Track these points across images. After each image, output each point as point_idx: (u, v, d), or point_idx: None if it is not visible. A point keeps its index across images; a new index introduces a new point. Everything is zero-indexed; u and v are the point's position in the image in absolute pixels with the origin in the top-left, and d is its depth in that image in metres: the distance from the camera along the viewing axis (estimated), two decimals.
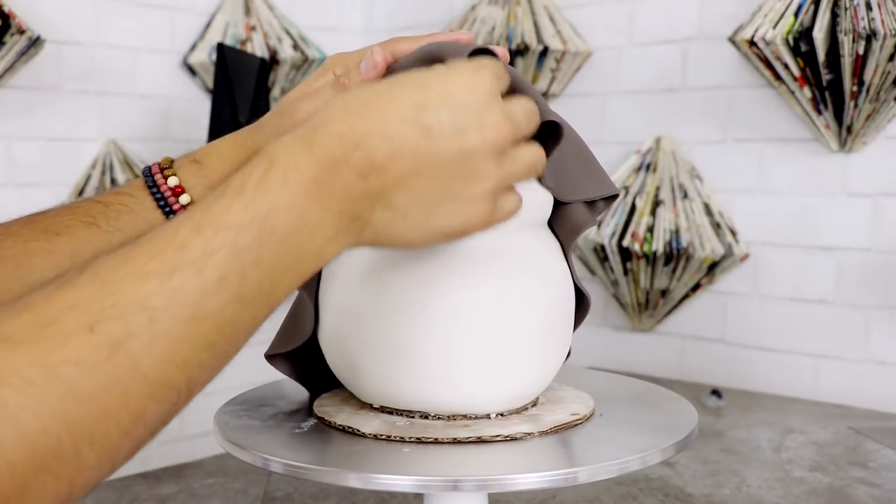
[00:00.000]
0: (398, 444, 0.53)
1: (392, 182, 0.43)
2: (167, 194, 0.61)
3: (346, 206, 0.43)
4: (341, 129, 0.43)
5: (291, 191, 0.42)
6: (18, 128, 1.40)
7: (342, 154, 0.43)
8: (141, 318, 0.39)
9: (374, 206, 0.44)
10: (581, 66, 1.54)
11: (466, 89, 0.44)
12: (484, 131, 0.44)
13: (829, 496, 0.91)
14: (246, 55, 1.42)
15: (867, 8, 1.16)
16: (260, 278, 0.42)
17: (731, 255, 1.38)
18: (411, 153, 0.43)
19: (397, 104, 0.43)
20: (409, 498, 0.90)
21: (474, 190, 0.45)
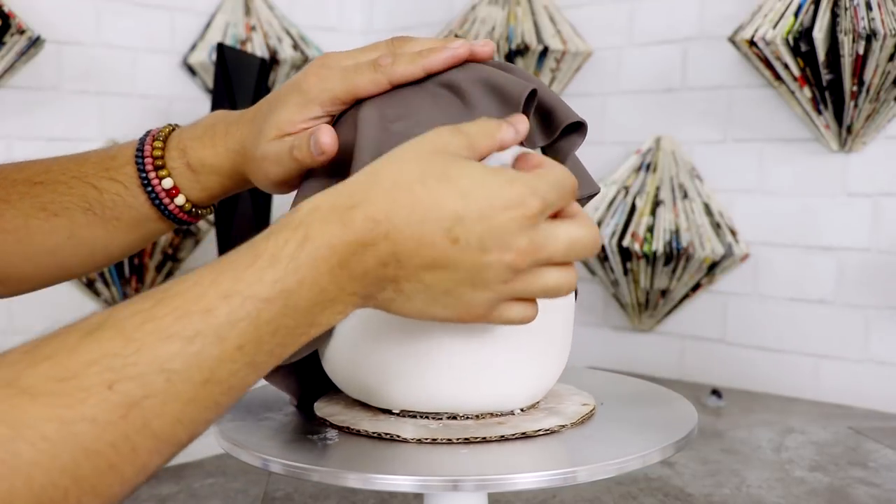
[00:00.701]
0: (445, 447, 0.53)
1: (407, 274, 0.45)
2: (162, 196, 0.62)
3: (360, 287, 0.45)
4: (378, 214, 0.44)
5: (319, 268, 0.43)
6: (18, 128, 1.40)
7: (372, 240, 0.44)
8: (159, 380, 0.40)
9: (384, 288, 0.46)
10: (581, 66, 1.54)
11: (507, 214, 0.45)
12: (505, 253, 0.45)
13: (829, 496, 0.91)
14: (246, 55, 1.42)
15: (867, 8, 1.16)
16: (273, 346, 0.44)
17: (731, 255, 1.38)
18: (433, 255, 0.45)
19: (438, 210, 0.44)
20: (409, 498, 0.90)
21: (478, 297, 0.46)
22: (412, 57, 0.56)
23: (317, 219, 0.44)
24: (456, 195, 0.44)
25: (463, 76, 0.55)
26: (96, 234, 0.63)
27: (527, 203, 0.45)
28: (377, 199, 0.44)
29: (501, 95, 0.54)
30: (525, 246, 0.45)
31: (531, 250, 0.46)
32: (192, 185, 0.62)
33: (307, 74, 0.58)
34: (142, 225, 0.63)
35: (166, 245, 1.50)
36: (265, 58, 1.52)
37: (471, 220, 0.44)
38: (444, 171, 0.45)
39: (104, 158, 0.63)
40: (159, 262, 1.51)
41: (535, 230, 0.46)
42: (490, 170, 0.46)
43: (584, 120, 0.58)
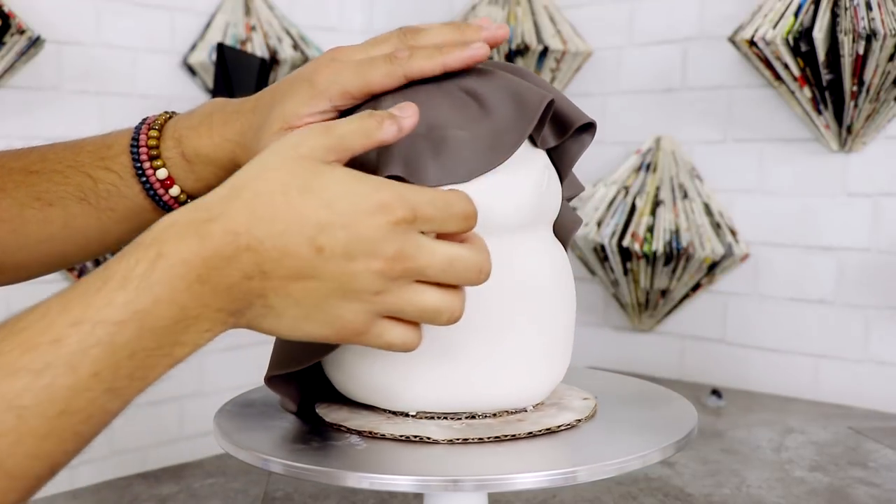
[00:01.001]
0: (477, 447, 0.53)
1: (274, 286, 0.44)
2: (157, 187, 0.60)
3: (226, 303, 0.44)
4: (237, 227, 0.43)
5: (175, 285, 0.42)
6: (18, 128, 1.40)
7: (233, 253, 0.43)
8: (8, 418, 0.38)
9: (252, 304, 0.44)
10: (581, 66, 1.54)
11: (372, 219, 0.43)
12: (372, 260, 0.44)
13: (829, 496, 0.91)
14: (246, 55, 1.42)
15: (867, 8, 1.16)
16: (133, 369, 0.42)
17: (731, 255, 1.38)
18: (298, 266, 0.43)
19: (301, 220, 0.43)
20: (409, 498, 0.90)
21: (350, 308, 0.45)
22: (430, 52, 0.54)
23: (172, 235, 0.43)
24: (319, 204, 0.43)
25: (483, 81, 0.55)
26: (90, 224, 0.62)
27: (393, 208, 0.44)
28: (237, 212, 0.43)
29: (520, 103, 0.54)
30: (392, 253, 0.44)
31: (400, 258, 0.44)
32: (187, 175, 0.61)
33: (318, 66, 0.56)
34: (136, 216, 0.62)
35: None
36: (265, 58, 1.52)
37: (334, 228, 0.43)
38: (308, 181, 0.44)
39: (100, 147, 0.62)
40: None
41: (406, 239, 0.44)
42: (358, 177, 0.45)
43: (594, 121, 0.58)
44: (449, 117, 0.53)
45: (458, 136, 0.52)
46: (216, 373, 1.58)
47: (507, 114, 0.54)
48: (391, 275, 0.44)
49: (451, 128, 0.52)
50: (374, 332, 0.46)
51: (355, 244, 0.43)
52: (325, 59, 0.56)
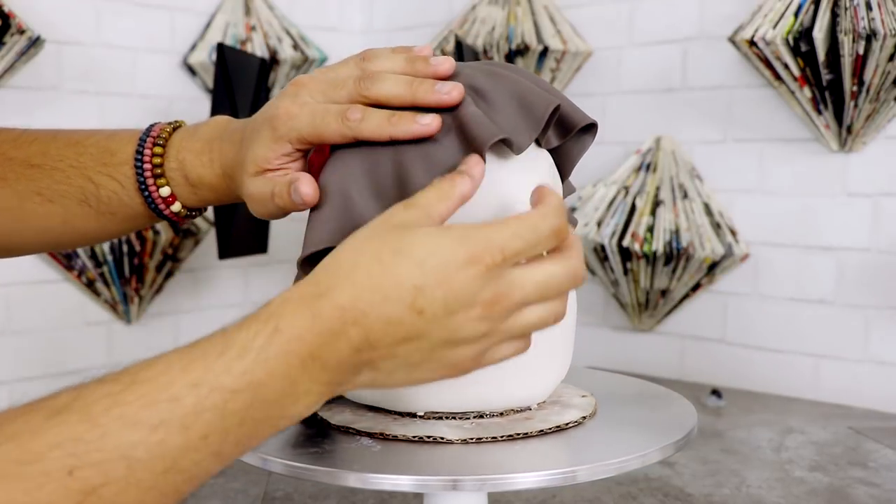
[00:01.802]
0: (490, 445, 0.53)
1: (381, 354, 0.45)
2: (158, 202, 0.62)
3: (335, 376, 0.45)
4: (344, 302, 0.44)
5: (290, 361, 0.43)
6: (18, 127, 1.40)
7: (341, 328, 0.44)
8: (120, 467, 0.40)
9: (360, 372, 0.46)
10: (581, 66, 1.54)
11: (464, 273, 0.45)
12: (472, 310, 0.45)
13: (829, 496, 0.91)
14: (246, 55, 1.42)
15: (867, 8, 1.16)
16: (239, 437, 0.43)
17: (731, 255, 1.38)
18: (402, 331, 0.45)
19: (398, 285, 0.44)
20: (409, 498, 0.90)
21: (460, 354, 0.47)
22: (381, 122, 0.54)
23: (287, 311, 0.44)
24: (412, 266, 0.44)
25: (491, 83, 0.55)
26: (90, 224, 0.64)
27: (482, 257, 0.45)
28: (341, 286, 0.44)
29: (527, 108, 0.55)
30: (489, 298, 0.45)
31: (497, 300, 0.45)
32: (190, 196, 0.62)
33: (279, 106, 0.56)
34: (136, 220, 0.65)
35: (166, 245, 1.50)
36: (265, 58, 1.52)
37: (431, 288, 0.44)
38: (398, 244, 0.45)
39: (103, 151, 0.63)
40: (159, 262, 1.51)
41: (499, 280, 0.45)
42: (443, 231, 0.46)
43: (596, 121, 0.58)
44: None
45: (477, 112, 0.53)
46: None
47: (514, 116, 0.54)
48: (493, 317, 0.46)
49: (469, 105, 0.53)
50: (485, 361, 0.48)
51: (453, 300, 0.45)
52: (287, 96, 0.57)
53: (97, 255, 1.43)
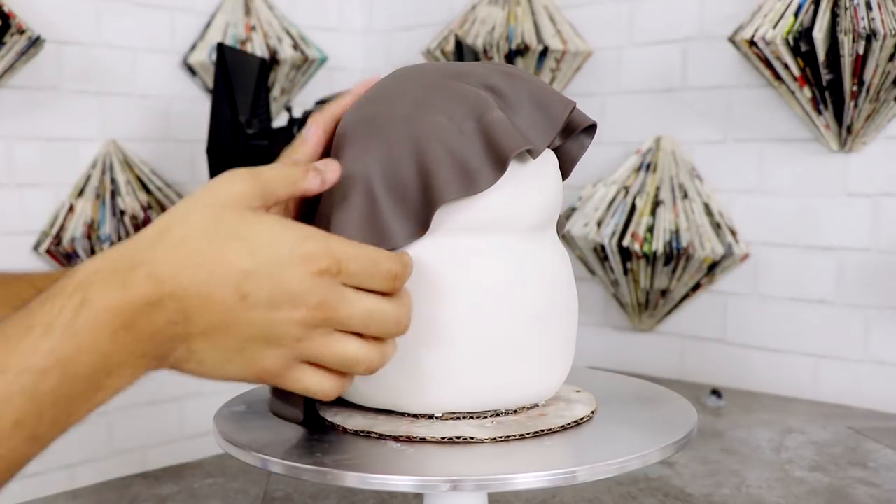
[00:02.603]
0: (518, 443, 0.54)
1: (197, 332, 0.44)
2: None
3: (150, 349, 0.44)
4: (162, 273, 0.43)
5: (99, 333, 0.42)
6: (18, 128, 1.40)
7: (157, 300, 0.43)
8: None
9: (175, 348, 0.45)
10: (581, 66, 1.54)
11: (297, 269, 0.44)
12: (295, 310, 0.44)
13: (829, 496, 0.91)
14: (246, 55, 1.42)
15: (867, 8, 1.16)
16: (55, 416, 0.42)
17: (731, 255, 1.38)
18: (222, 313, 0.44)
19: (226, 267, 0.43)
20: (409, 498, 0.90)
21: (270, 354, 0.46)
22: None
23: (96, 281, 0.42)
24: (245, 252, 0.44)
25: (509, 84, 0.56)
26: None
27: (318, 259, 0.44)
28: (162, 258, 0.43)
29: (545, 109, 0.55)
30: (315, 303, 0.45)
31: (322, 307, 0.45)
32: None
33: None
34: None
35: None
36: (265, 58, 1.52)
37: (259, 276, 0.44)
38: (234, 228, 0.44)
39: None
40: None
41: (329, 290, 0.45)
42: (284, 225, 0.45)
43: (595, 122, 0.59)
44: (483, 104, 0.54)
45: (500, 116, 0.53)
46: None
47: (532, 117, 0.55)
48: (312, 323, 0.45)
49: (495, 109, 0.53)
50: (293, 376, 0.47)
51: (279, 294, 0.44)
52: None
53: None
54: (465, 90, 0.54)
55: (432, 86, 0.55)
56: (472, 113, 0.53)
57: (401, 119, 0.54)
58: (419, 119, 0.54)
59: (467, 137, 0.53)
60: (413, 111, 0.54)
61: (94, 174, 1.47)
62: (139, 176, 1.51)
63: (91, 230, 1.43)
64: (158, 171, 1.56)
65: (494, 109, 0.53)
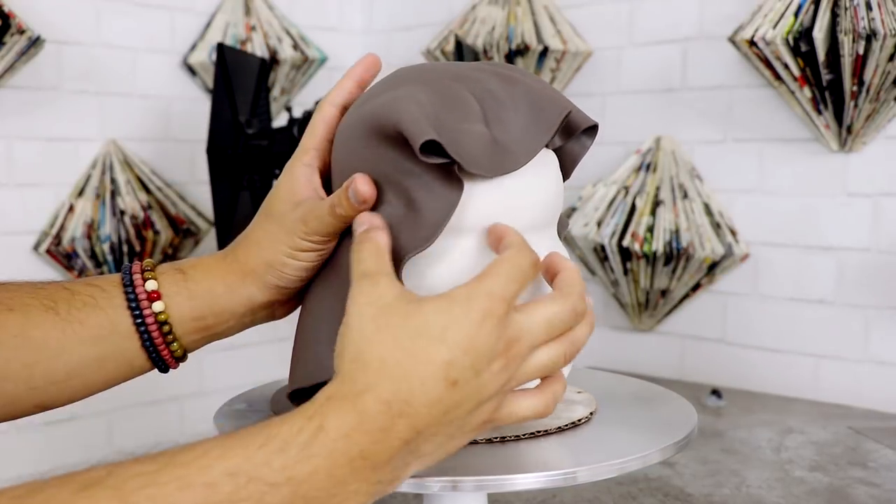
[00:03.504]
0: (514, 444, 0.54)
1: (424, 438, 0.45)
2: (141, 297, 0.56)
3: (386, 474, 0.44)
4: (386, 395, 0.43)
5: (336, 460, 0.42)
6: (18, 128, 1.40)
7: (390, 424, 0.43)
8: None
9: (409, 464, 0.45)
10: (581, 66, 1.54)
11: (482, 332, 0.45)
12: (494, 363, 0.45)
13: (829, 496, 0.91)
14: (246, 55, 1.42)
15: (867, 8, 1.16)
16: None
17: (731, 255, 1.38)
18: (444, 410, 0.44)
19: (428, 365, 0.44)
20: (409, 498, 0.90)
21: (483, 411, 0.46)
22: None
23: (332, 409, 0.43)
24: (436, 344, 0.44)
25: (505, 88, 0.56)
26: (50, 336, 0.55)
27: (493, 311, 0.45)
28: (379, 382, 0.44)
29: (540, 114, 0.56)
30: (504, 346, 0.45)
31: (512, 346, 0.46)
32: (178, 289, 0.57)
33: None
34: (104, 339, 0.56)
35: (166, 245, 1.50)
36: (265, 58, 1.52)
37: (459, 358, 0.44)
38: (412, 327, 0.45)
39: (85, 280, 0.59)
40: (159, 262, 1.51)
41: (509, 328, 0.46)
42: (448, 300, 0.45)
43: (597, 123, 0.59)
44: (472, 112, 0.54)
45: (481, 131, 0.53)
46: (216, 373, 1.58)
47: (527, 120, 0.55)
48: (510, 366, 0.46)
49: (476, 122, 0.53)
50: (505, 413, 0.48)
51: (479, 360, 0.44)
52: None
53: (97, 255, 1.43)
54: (458, 94, 0.54)
55: (427, 85, 0.55)
56: (458, 119, 0.53)
57: (384, 103, 0.54)
58: (404, 99, 0.53)
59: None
60: (402, 95, 0.53)
61: (94, 174, 1.47)
62: (139, 176, 1.51)
63: (91, 230, 1.43)
64: (158, 171, 1.56)
65: (476, 122, 0.53)
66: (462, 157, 0.50)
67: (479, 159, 0.51)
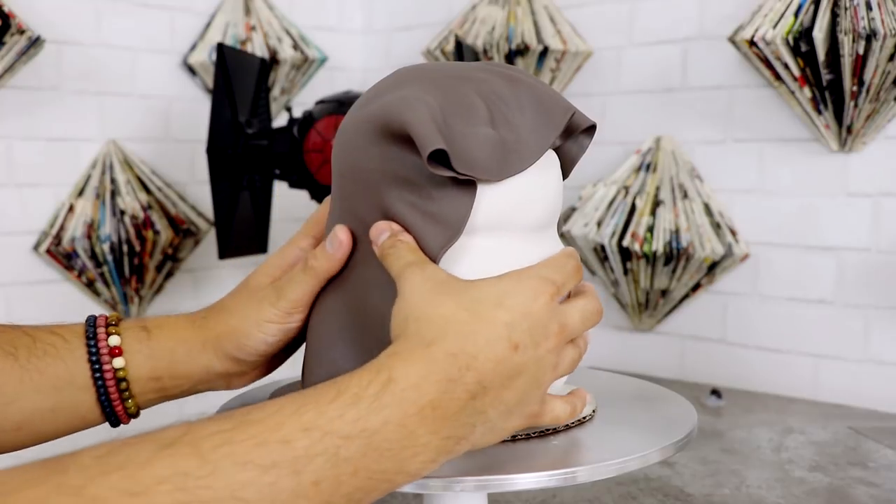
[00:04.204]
0: (537, 441, 0.54)
1: (490, 400, 0.45)
2: (103, 351, 0.56)
3: (455, 429, 0.45)
4: (453, 348, 0.44)
5: (406, 410, 0.43)
6: (18, 128, 1.40)
7: (457, 375, 0.44)
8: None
9: (475, 425, 0.45)
10: (581, 66, 1.54)
11: (537, 304, 0.47)
12: (549, 340, 0.48)
13: (829, 496, 0.91)
14: (246, 55, 1.42)
15: (867, 8, 1.16)
16: (353, 489, 0.42)
17: (731, 255, 1.38)
18: (507, 370, 0.46)
19: (490, 325, 0.46)
20: (409, 498, 0.90)
21: (536, 395, 0.49)
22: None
23: (398, 362, 0.44)
24: (497, 307, 0.46)
25: (511, 89, 0.56)
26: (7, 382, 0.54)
27: (545, 289, 0.48)
28: (445, 336, 0.45)
29: (545, 114, 0.56)
30: (557, 328, 0.48)
31: (562, 329, 0.48)
32: (140, 346, 0.57)
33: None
34: (60, 390, 0.56)
35: (166, 245, 1.50)
36: (265, 58, 1.52)
37: (518, 322, 0.46)
38: (470, 295, 0.47)
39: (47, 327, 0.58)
40: (159, 262, 1.51)
41: (557, 311, 0.48)
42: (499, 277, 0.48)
43: (595, 123, 0.60)
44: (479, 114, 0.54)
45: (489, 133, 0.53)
46: None
47: (533, 121, 0.56)
48: (560, 347, 0.49)
49: (482, 125, 0.53)
50: (548, 409, 0.51)
51: (536, 330, 0.47)
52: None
53: (97, 255, 1.43)
54: (465, 95, 0.54)
55: (434, 85, 0.55)
56: (465, 122, 0.53)
57: (390, 103, 0.54)
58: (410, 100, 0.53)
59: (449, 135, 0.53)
60: (409, 95, 0.54)
61: (94, 174, 1.47)
62: (139, 176, 1.51)
63: (91, 230, 1.43)
64: (158, 171, 1.56)
65: (483, 124, 0.53)
66: (470, 167, 0.51)
67: (486, 164, 0.52)
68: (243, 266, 1.66)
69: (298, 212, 1.57)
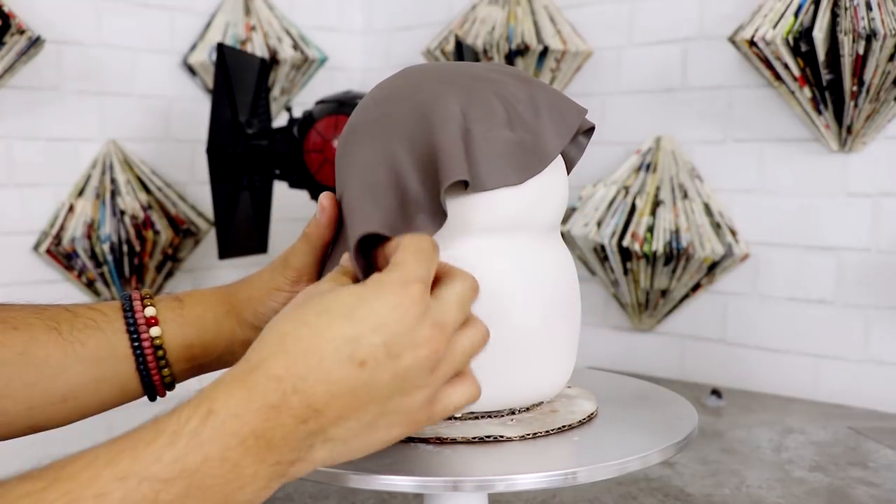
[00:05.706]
0: (544, 439, 0.54)
1: (330, 420, 0.43)
2: (140, 322, 0.58)
3: (284, 455, 0.42)
4: (279, 371, 0.42)
5: (227, 443, 0.41)
6: (18, 128, 1.40)
7: (281, 400, 0.42)
8: None
9: (312, 445, 0.43)
10: (581, 66, 1.54)
11: (396, 314, 0.43)
12: (417, 349, 0.43)
13: (829, 496, 0.91)
14: (246, 55, 1.42)
15: (867, 8, 1.16)
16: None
17: (731, 255, 1.38)
18: (349, 390, 0.42)
19: (330, 341, 0.42)
20: (409, 498, 0.90)
21: (412, 401, 0.44)
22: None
23: (220, 391, 0.42)
24: (340, 320, 0.43)
25: (525, 91, 0.56)
26: (52, 354, 0.56)
27: (407, 292, 0.43)
28: (273, 357, 0.42)
29: (560, 114, 0.57)
30: (430, 332, 0.43)
31: (439, 330, 0.44)
32: (173, 315, 0.59)
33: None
34: (102, 361, 0.58)
35: (166, 245, 1.50)
36: (265, 58, 1.52)
37: (365, 337, 0.42)
38: (320, 306, 0.44)
39: (87, 304, 0.61)
40: (159, 262, 1.51)
41: (431, 310, 0.44)
42: (361, 284, 0.45)
43: (594, 125, 0.61)
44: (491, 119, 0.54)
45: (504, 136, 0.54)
46: (216, 372, 1.58)
47: (550, 122, 0.56)
48: (440, 351, 0.44)
49: (501, 128, 0.54)
50: (442, 405, 0.46)
51: (393, 342, 0.43)
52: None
53: (97, 255, 1.43)
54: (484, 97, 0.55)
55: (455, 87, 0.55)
56: (486, 127, 0.54)
57: (414, 107, 0.54)
58: (434, 105, 0.54)
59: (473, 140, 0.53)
60: (431, 99, 0.54)
61: (94, 174, 1.47)
62: (139, 176, 1.51)
63: (91, 230, 1.43)
64: (158, 171, 1.56)
65: (502, 127, 0.54)
66: (487, 182, 0.52)
67: (506, 172, 0.53)
68: (243, 266, 1.66)
69: (298, 212, 1.57)
